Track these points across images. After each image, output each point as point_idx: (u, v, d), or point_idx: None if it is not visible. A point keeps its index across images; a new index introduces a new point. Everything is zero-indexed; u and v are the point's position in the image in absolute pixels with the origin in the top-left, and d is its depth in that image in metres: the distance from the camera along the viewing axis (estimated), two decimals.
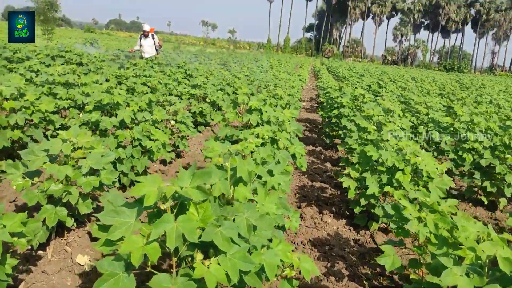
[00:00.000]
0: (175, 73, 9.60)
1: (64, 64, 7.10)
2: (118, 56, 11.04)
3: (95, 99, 3.82)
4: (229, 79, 9.60)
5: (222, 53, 39.39)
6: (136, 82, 6.32)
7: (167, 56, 19.44)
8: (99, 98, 3.81)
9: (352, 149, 4.80)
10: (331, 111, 7.10)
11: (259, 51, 76.43)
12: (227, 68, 18.68)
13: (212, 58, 24.00)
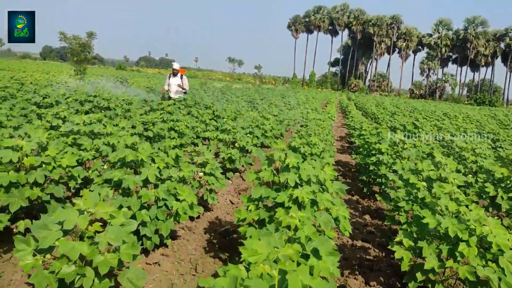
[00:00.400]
0: (202, 114, 9.38)
1: (92, 108, 6.97)
2: (147, 100, 10.94)
3: (118, 156, 3.51)
4: (258, 120, 9.30)
5: (248, 88, 39.63)
6: (164, 128, 6.07)
7: (195, 94, 19.51)
8: (122, 154, 3.51)
9: (399, 206, 4.32)
10: (368, 157, 6.64)
11: (284, 86, 76.92)
12: (254, 106, 18.53)
13: (239, 94, 24.01)
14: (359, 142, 8.55)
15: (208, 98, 18.79)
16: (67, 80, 17.10)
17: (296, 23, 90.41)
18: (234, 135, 6.81)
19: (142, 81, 37.22)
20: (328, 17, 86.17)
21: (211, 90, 27.29)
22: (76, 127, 4.63)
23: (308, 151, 5.54)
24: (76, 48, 18.06)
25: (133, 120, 5.77)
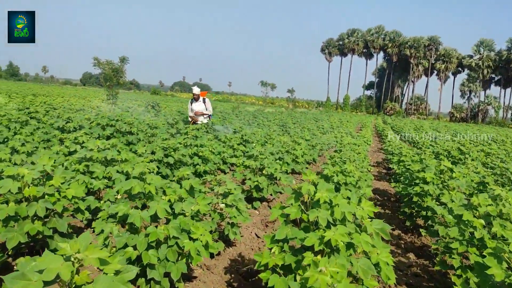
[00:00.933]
0: (230, 139, 8.98)
1: (114, 133, 6.70)
2: (173, 124, 10.67)
3: (123, 188, 3.10)
4: (289, 145, 8.80)
5: (281, 112, 39.31)
6: (185, 154, 5.68)
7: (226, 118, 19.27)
8: (128, 186, 3.09)
9: (451, 248, 3.67)
10: (410, 187, 5.98)
11: (318, 110, 76.28)
12: (286, 130, 18.09)
13: (271, 118, 23.63)
14: (398, 170, 7.88)
15: (239, 122, 18.52)
16: (99, 104, 17.26)
17: (330, 47, 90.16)
18: (261, 161, 6.34)
19: (175, 106, 37.63)
20: (362, 40, 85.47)
21: (243, 114, 27.11)
22: (89, 153, 4.29)
23: (343, 180, 4.98)
24: (108, 73, 18.29)
25: (152, 145, 5.41)
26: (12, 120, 5.98)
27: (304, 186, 2.97)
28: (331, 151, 15.71)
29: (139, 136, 6.69)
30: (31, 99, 24.30)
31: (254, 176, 6.24)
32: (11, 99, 23.21)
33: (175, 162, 5.51)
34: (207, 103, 10.44)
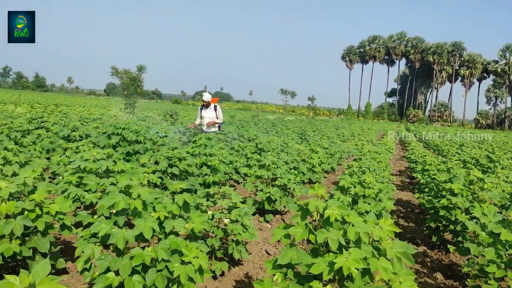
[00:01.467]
0: (244, 147, 8.60)
1: (120, 142, 6.40)
2: (185, 132, 10.36)
3: (106, 204, 2.73)
4: (305, 153, 8.35)
5: (302, 120, 38.84)
6: (191, 163, 5.31)
7: (243, 126, 18.93)
8: (110, 202, 2.72)
9: (486, 272, 3.17)
10: (436, 199, 5.46)
11: (339, 117, 75.42)
12: (304, 138, 17.63)
13: (290, 126, 23.20)
14: (423, 179, 7.34)
15: (257, 130, 18.15)
16: (117, 114, 17.17)
17: (351, 54, 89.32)
18: (274, 171, 5.92)
19: (194, 114, 37.61)
20: (384, 47, 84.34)
21: (262, 122, 26.77)
22: (83, 164, 3.97)
23: (361, 192, 4.51)
24: (126, 82, 18.24)
25: (156, 155, 5.07)
26: (13, 129, 5.76)
27: (312, 202, 2.54)
28: (352, 160, 15.16)
29: (146, 145, 6.37)
30: (52, 109, 24.57)
31: (266, 187, 5.83)
32: (33, 109, 23.52)
33: (180, 172, 5.15)
34: (218, 110, 9.83)
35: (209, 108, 9.71)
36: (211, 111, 9.74)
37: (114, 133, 6.35)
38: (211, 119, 9.74)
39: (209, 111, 9.73)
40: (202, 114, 9.78)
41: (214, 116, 9.75)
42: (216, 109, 9.76)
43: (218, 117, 9.78)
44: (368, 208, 4.40)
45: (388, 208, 4.53)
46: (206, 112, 9.76)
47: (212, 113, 9.74)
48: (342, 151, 13.08)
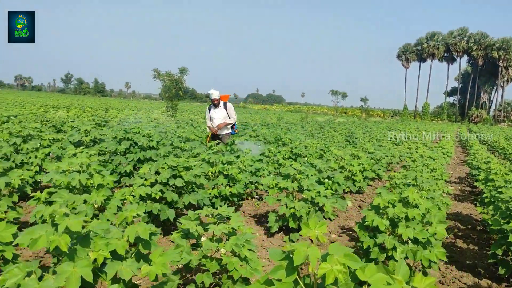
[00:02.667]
0: (276, 153, 7.74)
1: (130, 147, 5.78)
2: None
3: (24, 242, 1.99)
4: (345, 160, 7.35)
5: (353, 122, 37.24)
6: (199, 174, 4.55)
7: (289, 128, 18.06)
8: (25, 240, 1.98)
9: None
10: (504, 220, 4.31)
11: (394, 119, 72.32)
12: (352, 141, 16.48)
13: (338, 128, 21.98)
14: (486, 191, 6.11)
15: (302, 133, 17.20)
16: (157, 116, 16.90)
17: (407, 52, 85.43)
18: (300, 182, 5.03)
19: (242, 117, 37.19)
20: (443, 44, 79.88)
21: (310, 124, 25.73)
22: (56, 177, 3.32)
23: (402, 214, 3.52)
24: (168, 85, 17.96)
25: (158, 164, 4.37)
26: (13, 134, 5.31)
27: (299, 250, 1.67)
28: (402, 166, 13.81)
29: (159, 151, 5.72)
30: (102, 113, 25.02)
31: (290, 201, 4.94)
32: (83, 113, 24.06)
33: (186, 184, 4.40)
34: (230, 108, 8.54)
35: (218, 107, 8.47)
36: (222, 111, 8.49)
37: (124, 138, 5.75)
38: (222, 119, 8.51)
39: (219, 110, 8.47)
40: (212, 114, 8.52)
41: (225, 116, 8.54)
42: (227, 107, 8.53)
43: (230, 116, 8.57)
44: (411, 235, 3.41)
45: (439, 234, 3.50)
46: (215, 112, 8.50)
47: (223, 113, 8.49)
48: (392, 155, 11.84)
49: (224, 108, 8.48)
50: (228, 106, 8.52)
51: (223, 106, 8.48)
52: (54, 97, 58.35)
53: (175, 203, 4.29)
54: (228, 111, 8.49)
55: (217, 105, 8.41)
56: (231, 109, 8.56)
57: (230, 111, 8.50)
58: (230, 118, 8.53)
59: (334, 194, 6.00)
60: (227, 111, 8.48)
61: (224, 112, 8.47)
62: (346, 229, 5.89)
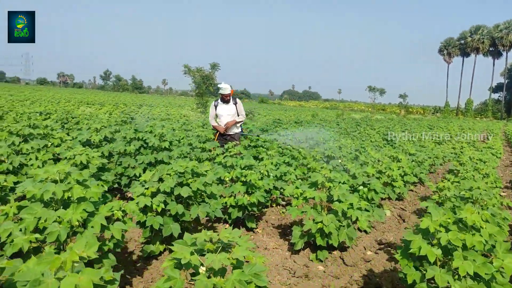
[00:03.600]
0: (306, 155, 7.02)
1: (141, 148, 5.22)
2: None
3: None
4: (382, 163, 6.54)
5: (391, 119, 35.73)
6: (210, 181, 3.91)
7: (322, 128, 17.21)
8: None
9: None
10: None
11: (435, 116, 69.49)
12: (390, 139, 15.47)
13: (376, 126, 20.88)
14: None
15: (337, 131, 16.32)
16: (187, 113, 16.47)
17: (449, 47, 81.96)
18: (330, 191, 4.30)
19: (276, 114, 36.46)
20: (488, 37, 75.98)
21: (345, 121, 24.70)
22: (29, 188, 2.77)
23: (458, 242, 2.74)
24: (198, 80, 17.49)
25: (163, 170, 3.76)
26: (13, 133, 4.86)
27: None
28: (448, 166, 12.70)
29: (173, 153, 5.12)
30: (134, 109, 24.99)
31: (318, 214, 4.22)
32: (116, 109, 24.07)
33: (195, 193, 3.77)
34: (239, 105, 7.53)
35: (228, 103, 7.45)
36: (231, 107, 7.43)
37: (134, 137, 5.20)
38: (231, 117, 7.46)
39: (229, 107, 7.44)
40: (219, 111, 7.46)
41: (235, 113, 7.49)
42: (237, 103, 7.50)
43: (240, 113, 7.58)
44: (471, 269, 2.63)
45: (508, 269, 2.70)
46: (223, 109, 7.44)
47: (232, 109, 7.43)
48: (435, 157, 10.82)
49: (234, 103, 7.47)
50: (238, 102, 7.53)
51: (232, 102, 7.47)
52: (92, 94, 59.70)
53: (181, 216, 3.67)
54: (238, 108, 7.49)
55: (228, 101, 7.42)
56: (241, 106, 7.57)
57: (239, 108, 7.52)
58: (239, 115, 7.57)
59: (370, 203, 5.24)
60: (237, 107, 7.48)
61: (233, 108, 7.44)
62: (384, 244, 5.10)
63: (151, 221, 3.52)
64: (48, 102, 25.01)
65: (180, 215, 3.64)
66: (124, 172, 5.08)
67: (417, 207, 7.14)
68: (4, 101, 21.91)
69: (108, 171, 4.57)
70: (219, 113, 7.48)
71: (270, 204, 5.97)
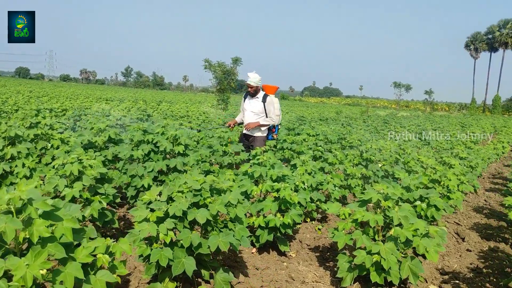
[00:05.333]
0: (342, 159, 6.06)
1: (151, 152, 4.35)
2: None
3: None
4: (437, 170, 5.51)
5: (417, 116, 34.24)
6: (234, 201, 3.00)
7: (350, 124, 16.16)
8: None
9: None
10: None
11: (460, 113, 67.16)
12: (425, 138, 14.34)
13: (405, 124, 19.64)
14: None
15: (365, 129, 15.24)
16: (207, 110, 15.62)
17: (476, 42, 79.06)
18: (386, 211, 3.34)
19: (298, 110, 35.36)
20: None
21: (371, 119, 23.51)
22: None
23: None
24: (219, 76, 16.60)
25: (173, 186, 2.87)
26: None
27: None
28: (491, 169, 11.52)
29: (188, 159, 4.24)
30: (153, 106, 24.32)
31: (372, 243, 3.26)
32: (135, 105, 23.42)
33: (215, 218, 2.88)
34: (269, 103, 6.08)
35: (256, 97, 6.12)
36: (258, 103, 6.08)
37: (143, 140, 4.33)
38: (255, 115, 6.12)
39: (255, 102, 6.10)
40: (245, 106, 6.25)
41: (260, 111, 6.10)
42: (266, 101, 6.06)
43: (268, 114, 6.13)
44: None
45: None
46: (248, 104, 6.18)
47: (258, 106, 6.08)
48: (482, 159, 9.69)
49: (263, 101, 6.07)
50: (268, 101, 6.07)
51: (261, 98, 6.10)
52: (112, 90, 59.56)
53: (197, 248, 2.77)
54: (267, 107, 6.07)
55: (254, 95, 6.11)
56: (272, 105, 6.13)
57: (269, 107, 6.08)
58: (268, 117, 6.15)
59: (430, 222, 4.27)
60: (265, 106, 6.07)
61: (260, 106, 6.08)
62: (448, 274, 4.12)
63: (157, 256, 2.64)
64: (65, 99, 24.56)
65: (194, 247, 2.74)
66: (131, 182, 4.22)
67: (473, 221, 6.11)
68: (20, 97, 21.50)
69: (109, 182, 3.71)
70: (245, 107, 6.26)
71: (303, 218, 5.04)
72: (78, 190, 3.20)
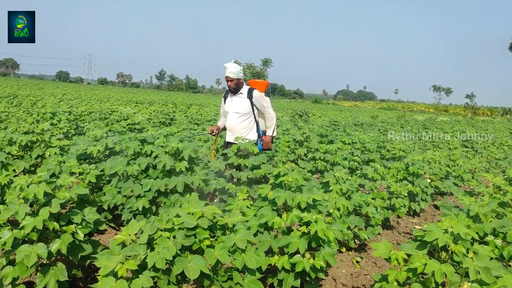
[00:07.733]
0: (384, 173, 5.11)
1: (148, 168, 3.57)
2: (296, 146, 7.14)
3: None
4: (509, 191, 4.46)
5: (458, 121, 32.32)
6: (241, 247, 2.15)
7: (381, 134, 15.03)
8: None
9: None
10: None
11: (504, 118, 63.76)
12: (472, 146, 13.10)
13: (448, 130, 18.23)
14: None
15: (404, 136, 14.05)
16: None
17: None
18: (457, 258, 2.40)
19: (331, 114, 34.18)
20: None
21: (410, 124, 22.12)
22: None
23: None
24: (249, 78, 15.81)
25: (156, 222, 2.04)
26: None
27: None
28: None
29: (192, 178, 3.39)
30: (183, 109, 23.89)
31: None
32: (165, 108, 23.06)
33: (214, 269, 2.03)
34: (259, 98, 4.75)
35: (239, 94, 4.74)
36: (242, 101, 4.71)
37: (140, 153, 3.54)
38: (241, 116, 4.75)
39: (238, 100, 4.74)
40: (226, 107, 4.88)
41: (247, 112, 4.74)
42: (253, 96, 4.68)
43: (261, 111, 4.83)
44: None
45: None
46: (231, 104, 4.81)
47: (244, 104, 4.71)
48: None
49: (249, 97, 4.69)
50: (255, 95, 4.69)
51: (246, 94, 4.71)
52: (145, 93, 60.04)
53: None
54: (256, 103, 4.71)
55: (236, 91, 4.72)
56: (263, 100, 4.81)
57: (259, 103, 4.74)
58: (258, 116, 4.88)
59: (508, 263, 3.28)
60: (253, 102, 4.70)
61: (246, 103, 4.71)
62: None
63: None
64: (96, 101, 24.49)
65: None
66: (126, 203, 3.45)
67: None
68: (52, 99, 21.50)
69: (93, 205, 2.94)
70: (226, 109, 4.85)
71: (338, 248, 4.12)
72: (41, 219, 2.45)
